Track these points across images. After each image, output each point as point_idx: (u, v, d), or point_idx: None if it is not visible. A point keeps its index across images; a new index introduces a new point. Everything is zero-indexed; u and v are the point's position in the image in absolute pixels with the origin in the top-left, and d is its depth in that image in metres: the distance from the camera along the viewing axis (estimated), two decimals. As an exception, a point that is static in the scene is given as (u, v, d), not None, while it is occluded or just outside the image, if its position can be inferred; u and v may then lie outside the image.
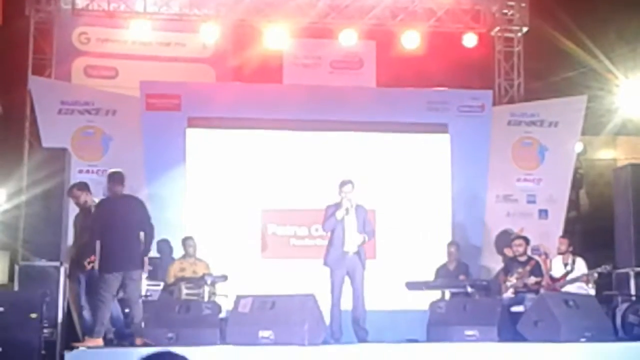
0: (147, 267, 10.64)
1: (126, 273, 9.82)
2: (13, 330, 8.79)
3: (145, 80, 14.07)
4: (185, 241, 12.84)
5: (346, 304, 10.90)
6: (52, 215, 10.49)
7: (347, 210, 10.82)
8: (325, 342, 9.88)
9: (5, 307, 8.93)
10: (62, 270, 10.23)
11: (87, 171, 13.57)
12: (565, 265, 12.16)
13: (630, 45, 18.11)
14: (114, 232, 9.87)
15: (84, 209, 10.49)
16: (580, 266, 12.07)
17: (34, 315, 8.97)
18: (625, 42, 18.11)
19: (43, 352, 8.98)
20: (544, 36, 16.20)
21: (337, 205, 10.88)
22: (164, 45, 15.70)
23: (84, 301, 10.26)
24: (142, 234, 10.09)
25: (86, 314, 10.36)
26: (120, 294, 10.08)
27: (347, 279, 10.85)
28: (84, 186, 10.66)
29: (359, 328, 10.70)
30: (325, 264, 10.92)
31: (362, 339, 10.59)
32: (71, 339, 10.00)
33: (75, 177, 12.15)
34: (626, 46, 18.04)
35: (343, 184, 10.95)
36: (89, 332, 9.92)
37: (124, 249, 9.85)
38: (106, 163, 13.50)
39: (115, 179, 10.09)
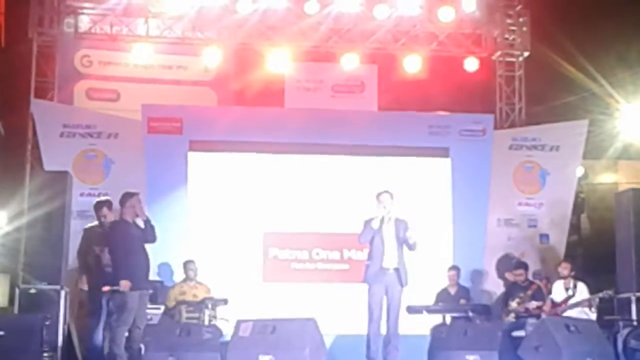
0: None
1: (141, 293, 9.91)
2: (13, 354, 8.77)
3: (147, 104, 14.08)
4: (186, 265, 12.83)
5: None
6: (53, 238, 10.48)
7: (382, 218, 10.51)
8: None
9: (5, 331, 8.91)
10: (62, 293, 10.22)
11: (89, 194, 13.55)
12: (567, 289, 12.14)
13: (631, 70, 18.18)
14: (131, 252, 10.07)
15: (104, 228, 10.66)
16: (582, 291, 12.05)
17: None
18: (626, 67, 18.18)
19: (44, 377, 8.97)
20: (545, 61, 16.25)
21: (376, 217, 10.55)
22: (165, 69, 15.74)
23: (100, 324, 10.33)
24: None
25: (98, 337, 10.40)
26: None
27: None
28: (111, 205, 10.87)
29: (388, 353, 10.37)
30: (365, 280, 10.52)
31: None
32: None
33: (76, 201, 12.21)
34: (627, 70, 18.11)
35: (379, 193, 10.65)
36: (96, 356, 10.04)
37: (138, 268, 10.05)
38: (108, 186, 13.57)
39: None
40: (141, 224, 10.31)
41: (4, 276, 18.27)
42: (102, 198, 11.38)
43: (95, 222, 11.04)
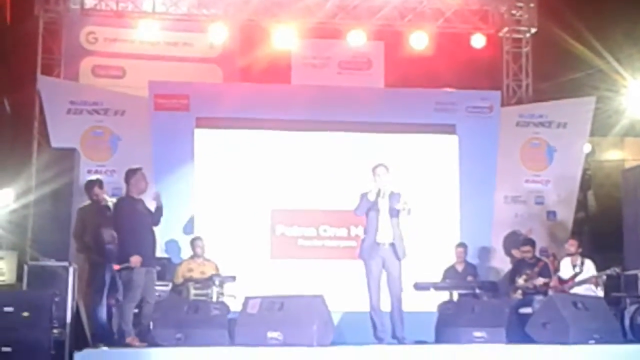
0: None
1: (147, 270, 9.96)
2: (23, 330, 8.79)
3: (154, 81, 14.09)
4: (194, 242, 12.86)
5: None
6: (60, 215, 10.46)
7: (379, 191, 10.40)
8: (334, 343, 9.86)
9: (14, 307, 8.93)
10: (70, 270, 10.22)
11: (96, 171, 13.52)
12: (574, 266, 12.14)
13: (638, 46, 18.09)
14: (138, 229, 10.06)
15: (99, 206, 10.67)
16: (589, 268, 12.05)
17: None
18: (633, 43, 18.09)
19: (52, 352, 8.98)
20: (552, 37, 16.18)
21: (371, 190, 10.44)
22: (171, 45, 15.70)
23: (104, 301, 10.38)
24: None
25: (102, 314, 10.46)
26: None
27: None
28: (102, 184, 11.02)
29: (397, 331, 10.29)
30: (359, 255, 10.49)
31: (400, 342, 10.23)
32: (80, 339, 10.03)
33: (84, 177, 12.18)
34: (634, 47, 18.03)
35: (375, 166, 10.53)
36: (101, 332, 10.05)
37: (146, 245, 10.07)
38: (115, 163, 13.61)
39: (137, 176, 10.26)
40: (152, 206, 10.34)
41: (11, 253, 18.31)
42: (93, 177, 11.41)
43: (88, 202, 11.06)
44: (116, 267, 10.27)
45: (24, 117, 15.43)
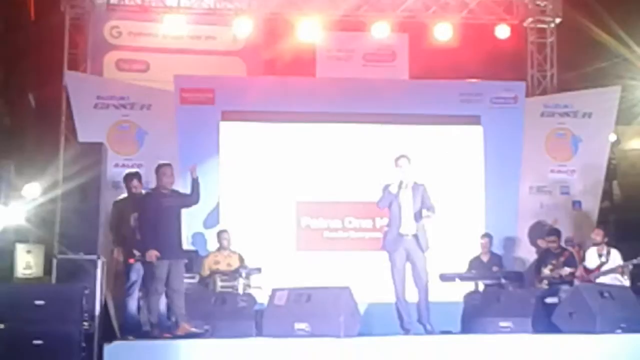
0: None
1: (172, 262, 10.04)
2: (54, 323, 8.88)
3: (179, 75, 14.15)
4: (220, 234, 12.94)
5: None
6: (88, 209, 10.51)
7: (401, 183, 10.48)
8: (360, 334, 9.92)
9: (46, 301, 9.02)
10: (99, 263, 10.31)
11: (123, 165, 13.69)
12: (600, 256, 12.14)
13: (663, 35, 18.02)
14: (162, 223, 10.14)
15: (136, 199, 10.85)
16: (615, 257, 12.04)
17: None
18: (656, 32, 18.01)
19: (83, 344, 9.07)
20: (577, 27, 16.14)
21: (394, 183, 10.54)
22: (194, 39, 15.73)
23: (136, 293, 10.47)
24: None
25: (133, 306, 10.57)
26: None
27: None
28: (140, 177, 11.22)
29: (423, 321, 10.38)
30: (383, 247, 10.59)
31: (427, 333, 10.33)
32: (108, 332, 10.13)
33: (111, 171, 12.35)
34: (659, 36, 17.95)
35: (397, 158, 10.60)
36: (132, 324, 10.24)
37: (169, 239, 10.14)
38: (141, 157, 13.71)
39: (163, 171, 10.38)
40: (187, 189, 10.43)
41: (38, 247, 18.42)
42: (132, 170, 11.56)
43: (125, 195, 11.17)
44: (131, 260, 10.39)
45: (51, 111, 15.52)
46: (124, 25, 15.61)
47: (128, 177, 11.32)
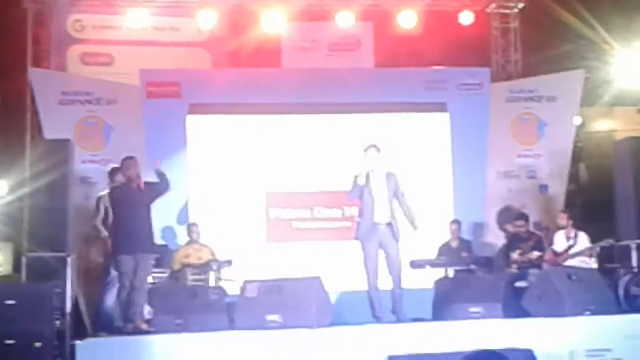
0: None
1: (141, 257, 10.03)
2: (25, 322, 8.87)
3: (145, 69, 14.10)
4: (190, 227, 12.94)
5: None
6: (57, 207, 10.54)
7: (369, 174, 10.49)
8: (332, 324, 9.96)
9: (17, 300, 9.01)
10: (68, 261, 10.30)
11: (90, 161, 13.69)
12: (568, 239, 12.22)
13: (626, 16, 18.15)
14: (130, 217, 10.14)
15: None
16: (583, 240, 12.14)
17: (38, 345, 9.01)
18: (621, 13, 18.15)
19: (56, 342, 9.07)
20: (540, 11, 16.21)
21: (364, 173, 10.54)
22: (158, 31, 15.64)
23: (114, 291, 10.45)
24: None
25: (110, 301, 10.55)
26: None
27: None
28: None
29: (397, 310, 10.43)
30: (356, 237, 10.60)
31: (399, 321, 10.37)
32: (80, 329, 10.14)
33: (78, 168, 12.29)
34: (622, 17, 18.08)
35: (367, 148, 10.61)
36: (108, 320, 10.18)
37: (138, 233, 10.11)
38: (109, 152, 13.65)
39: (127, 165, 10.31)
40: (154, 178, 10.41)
41: (7, 245, 18.37)
42: (117, 165, 11.39)
43: (107, 191, 11.15)
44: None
45: (16, 108, 15.43)
46: (88, 19, 15.51)
47: (113, 172, 11.26)
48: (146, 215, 10.31)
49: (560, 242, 12.31)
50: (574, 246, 12.12)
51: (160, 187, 10.44)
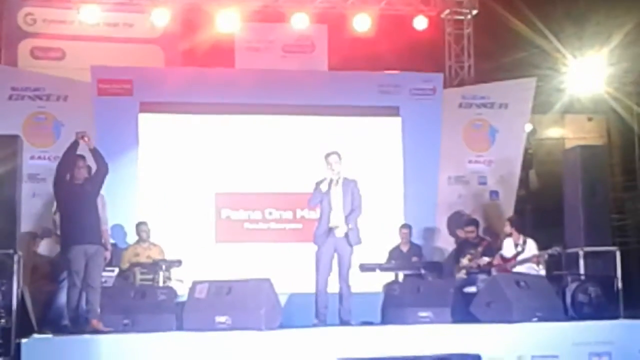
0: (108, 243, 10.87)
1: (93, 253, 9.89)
2: (-31, 320, 8.78)
3: (96, 65, 13.96)
4: (139, 226, 12.83)
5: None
6: (5, 203, 10.35)
7: (331, 181, 10.66)
8: (281, 326, 9.96)
9: (-39, 298, 8.89)
10: (15, 258, 10.16)
11: (39, 157, 13.53)
12: (516, 245, 12.29)
13: (578, 26, 18.32)
14: (75, 211, 10.02)
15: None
16: (531, 247, 12.20)
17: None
18: (572, 23, 18.30)
19: (0, 340, 8.95)
20: (494, 18, 16.30)
21: (325, 179, 10.72)
22: (111, 26, 15.48)
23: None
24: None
25: (62, 299, 10.41)
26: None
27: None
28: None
29: (343, 312, 10.58)
30: (314, 241, 10.74)
31: (344, 324, 10.49)
32: (26, 327, 10.01)
33: (27, 164, 12.12)
34: (573, 27, 18.24)
35: (328, 155, 10.79)
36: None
37: (86, 225, 10.01)
38: (58, 149, 13.32)
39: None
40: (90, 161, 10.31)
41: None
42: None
43: None
44: None
45: (-36, 102, 15.20)
46: (39, 13, 15.29)
47: None
48: (94, 209, 10.19)
49: (508, 248, 12.37)
50: (522, 252, 12.18)
51: (99, 173, 10.32)
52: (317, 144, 13.82)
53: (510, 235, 12.43)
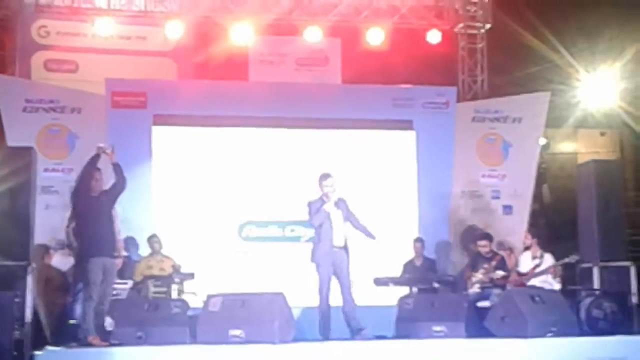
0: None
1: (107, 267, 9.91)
2: (-17, 332, 8.77)
3: (111, 78, 13.99)
4: (151, 239, 12.84)
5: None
6: (19, 214, 10.35)
7: (327, 201, 10.80)
8: (295, 339, 9.94)
9: (-25, 310, 8.89)
10: (29, 269, 10.17)
11: (53, 169, 13.57)
12: (534, 258, 12.30)
13: (591, 41, 18.35)
14: (90, 224, 10.05)
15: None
16: (548, 261, 12.20)
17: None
18: (585, 38, 18.34)
19: (14, 353, 8.95)
20: (507, 32, 16.35)
21: (321, 200, 10.84)
22: (124, 39, 15.56)
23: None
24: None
25: (79, 311, 10.41)
26: None
27: None
28: None
29: (352, 323, 10.58)
30: (313, 260, 10.83)
31: (356, 334, 10.48)
32: (39, 339, 10.00)
33: (41, 176, 12.13)
34: (586, 42, 18.28)
35: (325, 177, 10.90)
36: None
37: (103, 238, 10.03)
38: (72, 161, 13.50)
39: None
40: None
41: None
42: None
43: None
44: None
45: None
46: (53, 25, 15.38)
47: None
48: (109, 222, 10.20)
49: (525, 263, 12.37)
50: (539, 265, 12.17)
51: (116, 187, 10.32)
52: (331, 157, 13.86)
53: (529, 248, 12.41)
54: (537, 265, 12.19)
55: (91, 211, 10.10)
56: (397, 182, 14.34)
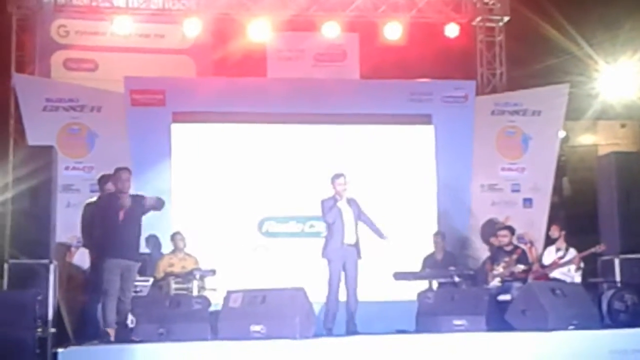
0: None
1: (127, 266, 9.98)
2: (7, 330, 8.81)
3: (129, 76, 14.04)
4: (174, 236, 12.86)
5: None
6: (40, 213, 10.46)
7: (339, 200, 10.96)
8: (316, 335, 9.96)
9: (-2, 308, 8.96)
10: (51, 267, 10.24)
11: (74, 168, 13.63)
12: (558, 250, 12.31)
13: (611, 32, 18.28)
14: (114, 225, 10.08)
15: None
16: (572, 254, 12.20)
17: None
18: (605, 29, 18.26)
19: (37, 350, 9.01)
20: (526, 24, 16.29)
21: (334, 198, 10.98)
22: (143, 37, 15.60)
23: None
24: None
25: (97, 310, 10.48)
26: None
27: None
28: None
29: (349, 324, 10.74)
30: (324, 255, 10.96)
31: (351, 333, 10.59)
32: (62, 337, 10.07)
33: (61, 174, 12.21)
34: (606, 33, 18.20)
35: (337, 176, 11.07)
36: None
37: (123, 241, 10.07)
38: (92, 159, 13.61)
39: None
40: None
41: (-13, 250, 18.20)
42: (107, 173, 11.23)
43: (94, 198, 11.06)
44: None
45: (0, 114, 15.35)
46: (72, 24, 15.44)
47: (102, 180, 11.18)
48: (137, 225, 10.27)
49: (549, 256, 12.37)
50: (563, 257, 12.17)
51: (157, 204, 10.39)
52: (350, 152, 13.88)
53: (555, 240, 12.40)
54: (562, 257, 12.16)
55: (117, 212, 10.11)
56: (416, 177, 14.33)
